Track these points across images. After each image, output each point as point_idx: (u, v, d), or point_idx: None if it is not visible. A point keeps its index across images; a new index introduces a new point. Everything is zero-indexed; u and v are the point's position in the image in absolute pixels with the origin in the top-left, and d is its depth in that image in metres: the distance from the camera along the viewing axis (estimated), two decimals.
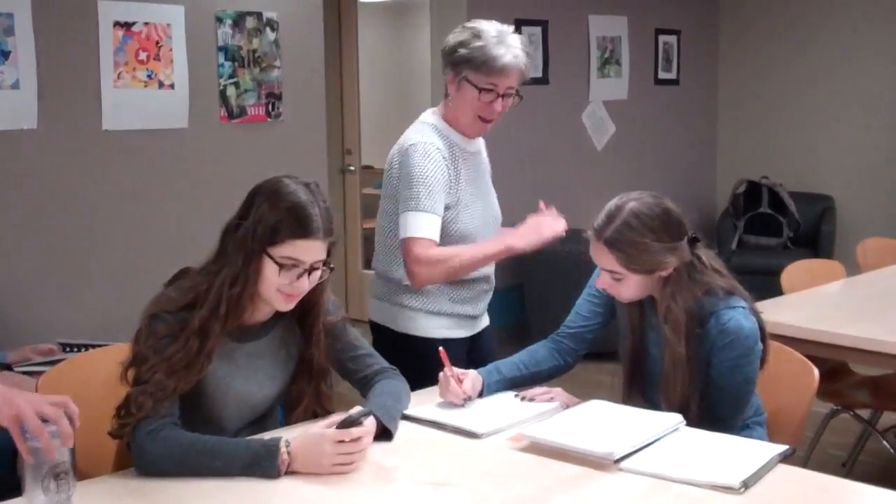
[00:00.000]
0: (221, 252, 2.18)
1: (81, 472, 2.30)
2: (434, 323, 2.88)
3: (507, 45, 2.76)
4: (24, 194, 4.29)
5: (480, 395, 2.50)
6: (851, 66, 7.38)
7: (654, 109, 7.57)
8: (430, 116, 2.93)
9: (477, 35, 2.77)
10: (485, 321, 3.07)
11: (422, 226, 2.72)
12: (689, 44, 7.80)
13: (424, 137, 2.82)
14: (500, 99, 2.80)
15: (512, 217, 3.01)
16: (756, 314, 2.38)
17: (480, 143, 3.02)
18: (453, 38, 2.85)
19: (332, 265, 2.23)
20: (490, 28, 2.79)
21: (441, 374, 2.47)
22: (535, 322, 6.13)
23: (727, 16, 8.04)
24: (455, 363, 2.49)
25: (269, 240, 2.13)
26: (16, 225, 4.28)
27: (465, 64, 2.78)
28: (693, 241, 2.38)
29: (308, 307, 2.29)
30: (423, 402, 2.47)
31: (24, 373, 3.73)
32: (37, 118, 4.27)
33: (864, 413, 4.01)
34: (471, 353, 2.93)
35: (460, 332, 2.94)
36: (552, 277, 5.94)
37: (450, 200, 2.80)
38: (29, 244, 4.32)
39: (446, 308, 2.89)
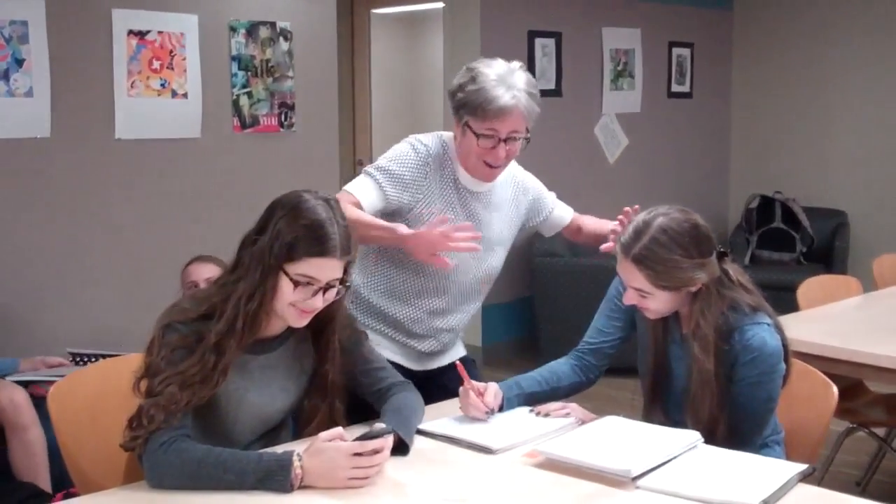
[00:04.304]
0: (238, 265, 2.16)
1: (92, 484, 2.29)
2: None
3: (508, 84, 2.55)
4: (37, 202, 4.29)
5: (501, 408, 2.47)
6: (866, 81, 7.36)
7: (667, 122, 7.55)
8: (447, 136, 2.78)
9: (474, 77, 2.57)
10: (441, 361, 2.90)
11: (356, 184, 2.66)
12: (703, 57, 7.79)
13: (427, 140, 2.74)
14: (502, 144, 2.59)
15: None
16: (781, 332, 2.35)
17: (494, 186, 2.78)
18: (456, 79, 2.65)
19: (348, 283, 2.21)
20: (490, 69, 2.57)
21: (461, 388, 2.44)
22: (545, 335, 6.10)
23: (741, 29, 8.02)
24: None
25: (285, 256, 2.10)
26: (27, 233, 4.27)
27: (463, 108, 2.60)
28: (721, 256, 2.35)
29: (323, 323, 2.26)
30: (438, 417, 2.45)
31: (29, 381, 3.74)
32: (50, 126, 4.27)
33: (880, 431, 3.97)
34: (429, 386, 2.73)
35: (406, 362, 2.83)
36: (562, 290, 5.92)
37: (410, 201, 2.68)
38: (40, 252, 4.31)
39: (390, 333, 2.82)
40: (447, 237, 2.50)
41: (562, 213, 3.01)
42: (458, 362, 2.47)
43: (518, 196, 2.89)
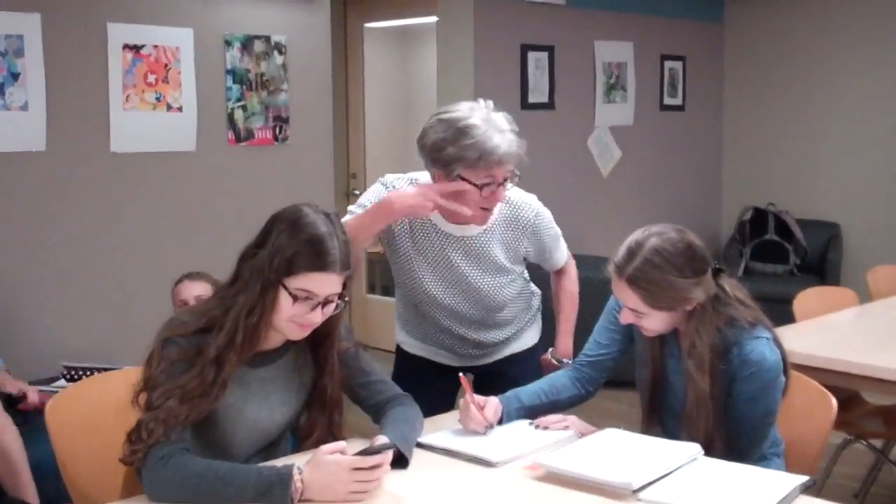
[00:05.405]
0: (237, 278, 2.15)
1: (90, 498, 2.28)
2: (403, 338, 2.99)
3: (499, 129, 2.56)
4: (32, 216, 4.28)
5: (500, 422, 2.47)
6: (857, 93, 7.38)
7: (660, 135, 7.56)
8: (423, 177, 2.76)
9: (463, 130, 2.54)
10: (490, 357, 2.97)
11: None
12: (695, 70, 7.81)
13: (398, 183, 2.76)
14: (500, 186, 2.63)
15: None
16: (780, 345, 2.34)
17: (481, 231, 2.77)
18: (434, 134, 2.59)
19: (346, 298, 2.20)
20: (473, 117, 2.56)
21: (461, 400, 2.44)
22: (545, 346, 6.08)
23: (732, 42, 8.05)
24: (433, 383, 2.49)
25: (285, 271, 2.10)
26: (23, 247, 4.26)
27: (457, 162, 2.56)
28: (717, 273, 2.35)
29: (322, 337, 2.26)
30: (437, 430, 2.44)
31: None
32: (45, 140, 4.26)
33: (877, 443, 3.97)
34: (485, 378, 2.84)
35: (439, 358, 2.96)
36: None
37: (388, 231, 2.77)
38: (35, 266, 4.30)
39: (418, 336, 2.97)
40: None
41: (557, 259, 3.00)
42: (461, 375, 2.47)
43: (517, 235, 2.84)
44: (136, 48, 4.53)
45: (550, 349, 3.06)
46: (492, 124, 2.56)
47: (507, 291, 2.86)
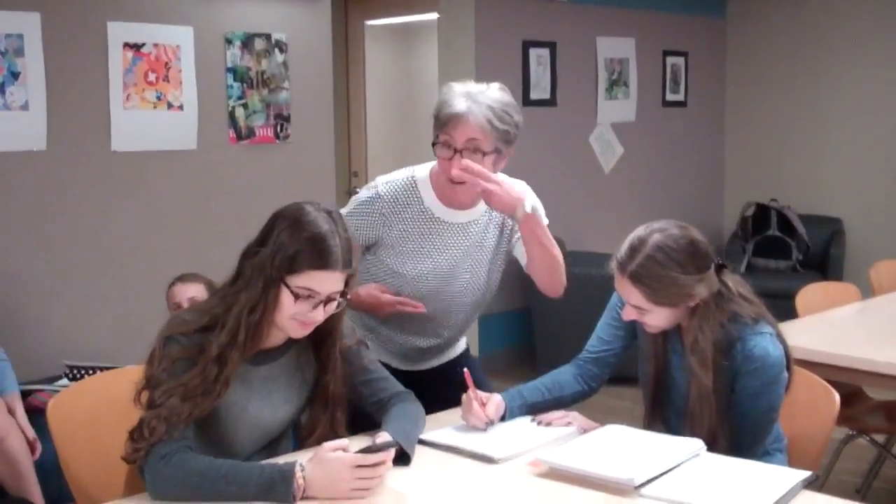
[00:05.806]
0: (239, 276, 2.15)
1: (92, 496, 2.28)
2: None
3: (470, 97, 2.54)
4: (33, 215, 4.28)
5: (503, 419, 2.47)
6: (860, 89, 7.37)
7: (662, 131, 7.56)
8: (421, 170, 2.76)
9: (444, 91, 2.61)
10: (433, 362, 2.95)
11: None
12: (697, 65, 7.80)
13: (383, 188, 2.73)
14: (458, 156, 2.54)
15: None
16: (783, 341, 2.34)
17: (476, 218, 2.77)
18: None
19: (349, 296, 2.20)
20: (462, 85, 2.59)
21: (464, 396, 2.44)
22: (541, 345, 6.09)
23: (734, 37, 8.04)
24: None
25: (287, 269, 2.09)
26: (24, 246, 4.26)
27: (434, 122, 2.61)
28: (720, 269, 2.34)
29: (324, 335, 2.25)
30: (439, 427, 2.44)
31: (26, 393, 3.71)
32: (46, 139, 4.26)
33: (879, 438, 3.96)
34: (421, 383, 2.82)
35: (389, 360, 2.88)
36: (559, 301, 5.90)
37: (375, 237, 2.74)
38: (36, 265, 4.30)
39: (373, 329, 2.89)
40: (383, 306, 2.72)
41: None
42: (465, 370, 2.47)
43: (504, 221, 2.83)
44: (136, 47, 4.53)
45: None
46: (471, 93, 2.57)
47: (478, 286, 2.85)
